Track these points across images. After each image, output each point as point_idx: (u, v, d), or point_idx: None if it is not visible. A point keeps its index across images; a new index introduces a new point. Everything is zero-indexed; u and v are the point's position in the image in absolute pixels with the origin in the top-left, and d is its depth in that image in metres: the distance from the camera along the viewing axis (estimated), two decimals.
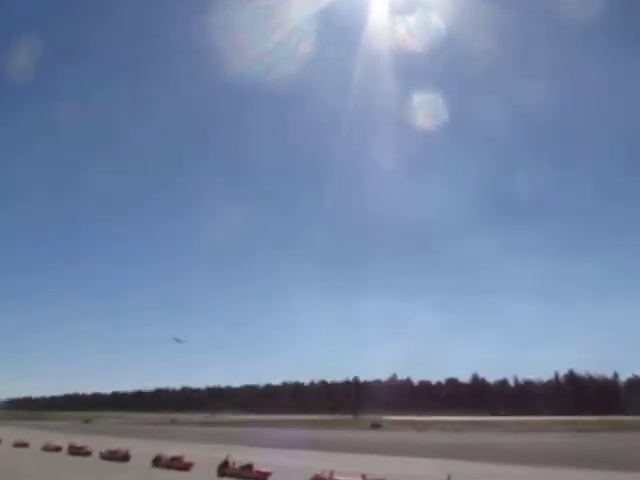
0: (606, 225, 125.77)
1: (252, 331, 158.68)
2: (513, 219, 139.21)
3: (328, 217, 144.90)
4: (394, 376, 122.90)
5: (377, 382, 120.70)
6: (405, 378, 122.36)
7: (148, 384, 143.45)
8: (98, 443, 32.99)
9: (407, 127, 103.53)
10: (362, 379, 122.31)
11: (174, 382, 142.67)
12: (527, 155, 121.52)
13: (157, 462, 24.22)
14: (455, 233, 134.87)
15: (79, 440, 35.30)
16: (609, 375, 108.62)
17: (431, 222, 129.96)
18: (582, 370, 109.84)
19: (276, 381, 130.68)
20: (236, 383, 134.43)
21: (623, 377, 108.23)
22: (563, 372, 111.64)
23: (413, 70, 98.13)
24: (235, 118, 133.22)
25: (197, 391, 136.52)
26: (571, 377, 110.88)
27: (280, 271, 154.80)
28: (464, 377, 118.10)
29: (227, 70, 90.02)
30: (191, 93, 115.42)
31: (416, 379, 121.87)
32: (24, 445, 35.88)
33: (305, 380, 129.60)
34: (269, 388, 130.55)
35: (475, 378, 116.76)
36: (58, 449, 32.04)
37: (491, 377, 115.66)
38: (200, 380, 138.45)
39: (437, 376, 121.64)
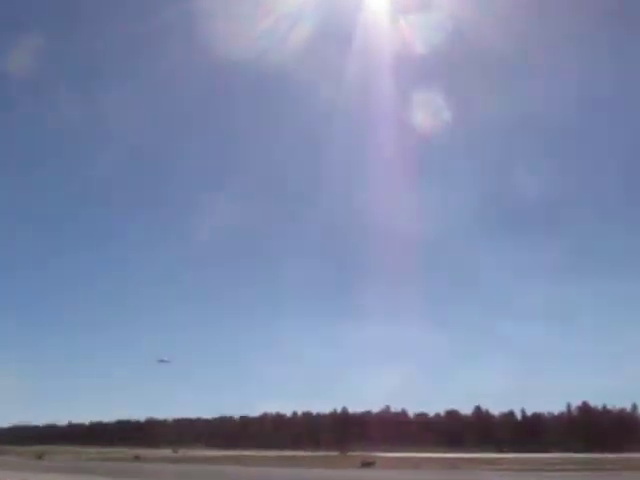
0: (628, 238, 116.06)
1: (228, 355, 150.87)
2: (523, 231, 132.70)
3: (318, 230, 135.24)
4: (387, 407, 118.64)
5: (368, 414, 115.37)
6: (399, 409, 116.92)
7: (108, 415, 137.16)
8: None
9: (404, 127, 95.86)
10: (351, 410, 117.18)
11: (137, 413, 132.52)
12: (536, 160, 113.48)
13: None
14: (456, 247, 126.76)
15: None
16: (627, 407, 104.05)
17: (429, 235, 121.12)
18: (597, 401, 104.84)
19: (254, 412, 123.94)
20: (208, 414, 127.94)
21: None
22: (576, 403, 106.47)
23: (412, 67, 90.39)
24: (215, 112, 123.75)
25: (163, 423, 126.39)
26: (585, 409, 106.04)
27: (261, 289, 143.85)
28: (466, 409, 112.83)
29: (213, 56, 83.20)
30: (174, 80, 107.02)
31: (412, 411, 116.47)
32: None
33: (287, 411, 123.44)
34: (246, 420, 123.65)
35: (478, 410, 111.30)
36: None
37: (496, 409, 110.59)
38: (167, 410, 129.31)
39: (435, 407, 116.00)
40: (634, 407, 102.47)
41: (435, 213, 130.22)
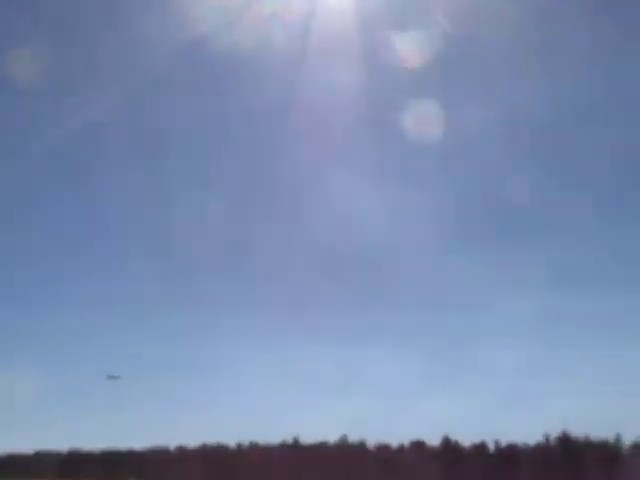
0: (614, 250, 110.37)
1: (164, 378, 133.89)
2: (494, 244, 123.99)
3: (269, 239, 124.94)
4: (344, 437, 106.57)
5: (323, 445, 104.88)
6: (358, 440, 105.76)
7: (25, 445, 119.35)
8: None
9: (379, 129, 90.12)
10: (304, 441, 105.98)
11: (58, 443, 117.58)
12: (519, 166, 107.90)
13: None
14: (423, 261, 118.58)
15: None
16: (610, 437, 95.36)
17: (393, 248, 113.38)
18: (578, 431, 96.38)
19: (193, 443, 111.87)
20: (140, 445, 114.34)
21: (627, 439, 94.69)
22: (555, 433, 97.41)
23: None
24: None
25: (89, 455, 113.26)
26: (564, 439, 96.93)
27: (200, 309, 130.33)
28: (432, 440, 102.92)
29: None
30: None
31: (372, 442, 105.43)
32: None
33: (230, 441, 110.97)
34: (183, 451, 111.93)
35: (446, 441, 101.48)
36: None
37: (466, 440, 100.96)
38: (93, 441, 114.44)
39: (399, 438, 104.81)
40: (618, 438, 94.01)
41: (401, 224, 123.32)
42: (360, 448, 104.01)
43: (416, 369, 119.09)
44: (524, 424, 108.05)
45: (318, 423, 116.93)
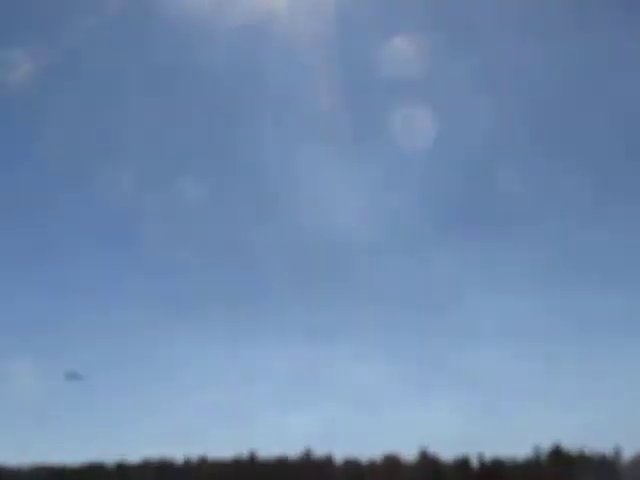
0: (615, 242, 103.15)
1: (98, 386, 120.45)
2: (485, 231, 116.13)
3: (229, 230, 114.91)
4: (308, 451, 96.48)
5: (283, 460, 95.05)
6: (324, 454, 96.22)
7: None
8: None
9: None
10: (261, 455, 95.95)
11: None
12: (510, 147, 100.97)
13: None
14: (399, 256, 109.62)
15: None
16: (608, 451, 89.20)
17: (365, 242, 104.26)
18: (572, 444, 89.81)
19: (134, 457, 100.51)
20: (73, 460, 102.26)
21: (627, 454, 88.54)
22: (546, 446, 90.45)
23: None
24: None
25: (16, 472, 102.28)
26: (557, 454, 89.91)
27: (143, 306, 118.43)
28: (408, 453, 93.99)
29: None
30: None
31: (340, 456, 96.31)
32: None
33: (177, 455, 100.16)
34: (122, 468, 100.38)
35: (424, 455, 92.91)
36: None
37: (446, 454, 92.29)
38: (16, 456, 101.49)
39: (370, 452, 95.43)
40: (617, 452, 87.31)
41: (377, 216, 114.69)
42: (326, 463, 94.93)
43: (390, 373, 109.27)
44: (511, 436, 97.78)
45: (277, 435, 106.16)
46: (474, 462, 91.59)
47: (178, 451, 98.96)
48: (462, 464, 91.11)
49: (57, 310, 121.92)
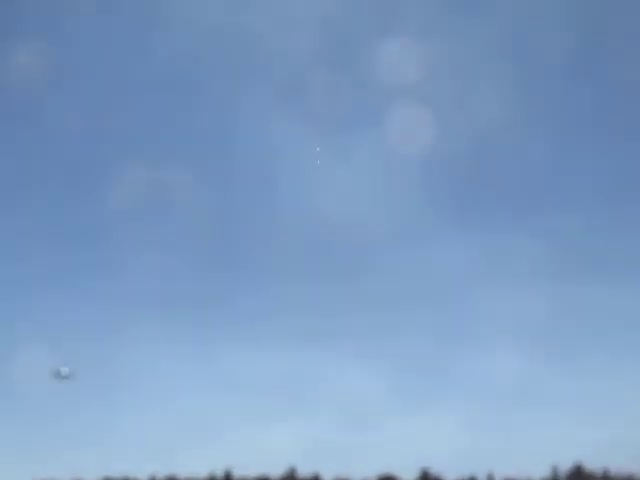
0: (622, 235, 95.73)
1: (47, 396, 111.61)
2: (487, 227, 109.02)
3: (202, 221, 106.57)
4: (292, 470, 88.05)
5: (263, 478, 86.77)
6: (310, 473, 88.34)
7: None
8: None
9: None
10: (238, 474, 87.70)
11: None
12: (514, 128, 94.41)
13: None
14: (397, 241, 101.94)
15: None
16: (636, 470, 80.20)
17: (359, 233, 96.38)
18: (595, 463, 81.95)
19: (91, 476, 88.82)
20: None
21: None
22: (566, 465, 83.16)
23: None
24: None
25: None
26: (578, 474, 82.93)
27: (98, 305, 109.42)
28: (408, 473, 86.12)
29: None
30: None
31: (328, 475, 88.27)
32: None
33: (142, 474, 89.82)
34: None
35: (425, 475, 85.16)
36: None
37: (451, 473, 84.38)
38: None
39: (362, 471, 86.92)
40: None
41: (372, 205, 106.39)
42: None
43: (386, 381, 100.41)
44: (525, 454, 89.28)
45: (257, 451, 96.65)
46: None
47: (143, 469, 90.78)
48: None
49: (6, 310, 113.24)
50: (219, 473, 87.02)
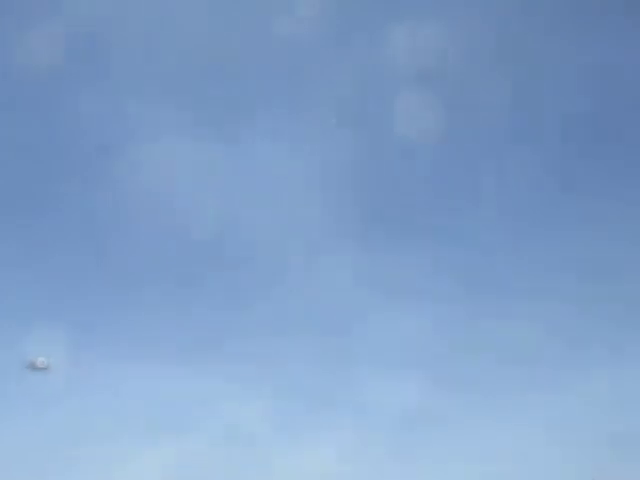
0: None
1: None
2: (395, 240, 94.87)
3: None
4: None
5: None
6: None
7: None
8: None
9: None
10: None
11: None
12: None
13: None
14: (301, 250, 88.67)
15: None
16: None
17: (268, 246, 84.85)
18: None
19: None
20: None
21: None
22: None
23: None
24: None
25: None
26: None
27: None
28: None
29: None
30: None
31: None
32: None
33: None
34: None
35: None
36: None
37: None
38: None
39: None
40: None
41: (266, 218, 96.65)
42: None
43: (270, 410, 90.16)
44: None
45: (121, 477, 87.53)
46: None
47: None
48: None
49: None
50: None
